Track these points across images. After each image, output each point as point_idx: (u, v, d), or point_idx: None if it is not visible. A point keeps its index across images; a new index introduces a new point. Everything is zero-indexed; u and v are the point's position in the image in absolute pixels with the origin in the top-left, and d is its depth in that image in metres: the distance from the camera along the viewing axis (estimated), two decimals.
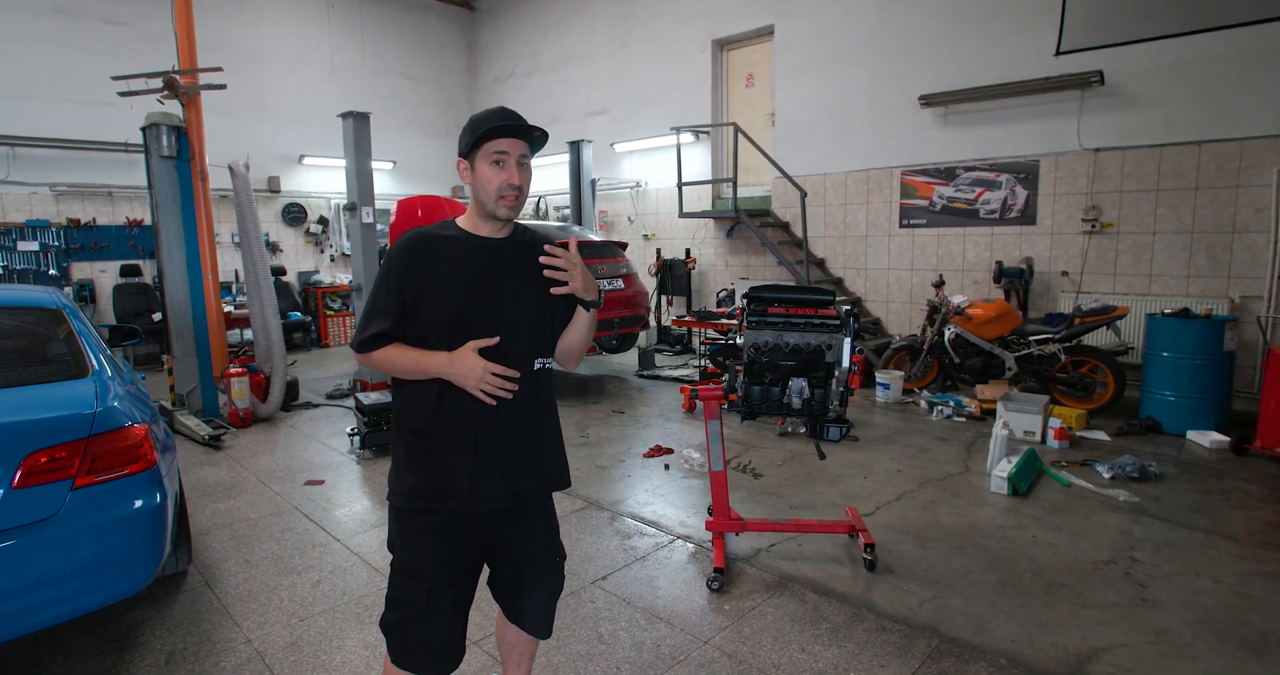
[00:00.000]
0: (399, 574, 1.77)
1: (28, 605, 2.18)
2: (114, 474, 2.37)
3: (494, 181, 1.66)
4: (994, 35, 6.74)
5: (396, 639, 1.77)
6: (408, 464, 1.74)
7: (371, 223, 6.45)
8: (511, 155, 1.66)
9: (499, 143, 1.65)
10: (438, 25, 12.29)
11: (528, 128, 1.67)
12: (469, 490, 1.71)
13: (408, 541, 1.76)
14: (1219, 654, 2.54)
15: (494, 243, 1.75)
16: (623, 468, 4.74)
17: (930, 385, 6.53)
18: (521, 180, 1.68)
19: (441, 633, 1.76)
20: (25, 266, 8.43)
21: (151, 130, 5.66)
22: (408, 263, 1.68)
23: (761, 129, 8.72)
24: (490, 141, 1.65)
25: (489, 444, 1.72)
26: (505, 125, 1.64)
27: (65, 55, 8.54)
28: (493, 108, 1.71)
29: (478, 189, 1.69)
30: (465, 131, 1.70)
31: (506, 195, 1.67)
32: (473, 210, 1.76)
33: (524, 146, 1.68)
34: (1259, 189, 5.59)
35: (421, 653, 1.76)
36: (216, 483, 4.55)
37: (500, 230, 1.76)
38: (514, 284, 1.75)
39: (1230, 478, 4.34)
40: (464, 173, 1.72)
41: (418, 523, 1.73)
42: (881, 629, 2.75)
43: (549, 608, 1.95)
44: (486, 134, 1.64)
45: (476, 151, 1.67)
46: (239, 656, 2.63)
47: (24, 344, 2.96)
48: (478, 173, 1.68)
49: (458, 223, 1.77)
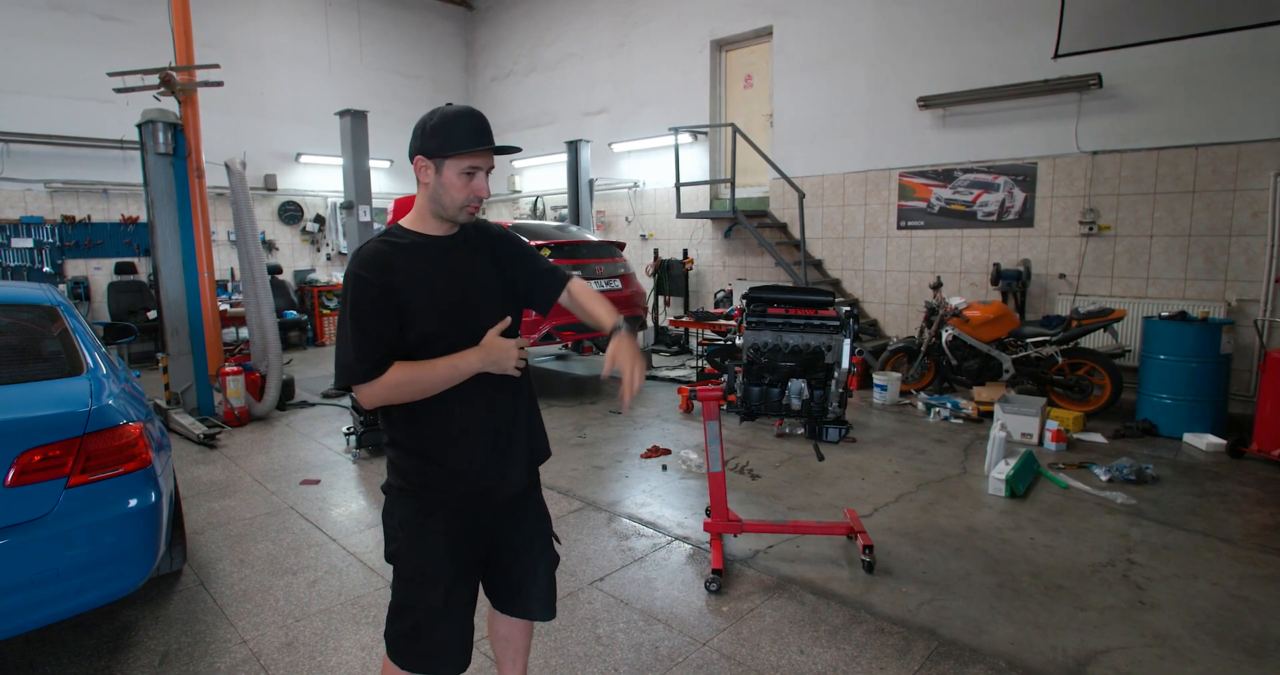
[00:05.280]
0: (409, 581, 1.72)
1: (21, 604, 2.16)
2: (108, 473, 2.35)
3: (462, 192, 1.63)
4: (993, 37, 6.75)
5: (408, 645, 1.73)
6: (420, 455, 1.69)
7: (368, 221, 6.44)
8: (483, 169, 1.64)
9: (476, 157, 1.62)
10: (436, 24, 12.26)
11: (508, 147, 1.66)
12: (496, 476, 1.71)
13: (417, 547, 1.71)
14: (1217, 657, 2.55)
15: (449, 240, 1.72)
16: (620, 468, 4.73)
17: (927, 387, 6.54)
18: (487, 192, 1.68)
19: (458, 631, 1.75)
20: (19, 263, 8.39)
21: (148, 127, 5.63)
22: (384, 279, 1.59)
23: (760, 130, 8.72)
24: (468, 156, 1.61)
25: (503, 430, 1.73)
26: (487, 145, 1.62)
27: (61, 51, 8.49)
28: (460, 110, 1.63)
29: (440, 193, 1.63)
30: (434, 131, 1.61)
31: (472, 205, 1.66)
32: (425, 211, 1.69)
33: (493, 159, 1.68)
34: (1256, 192, 5.61)
35: (437, 656, 1.73)
36: (211, 482, 4.53)
37: (452, 228, 1.73)
38: (478, 275, 1.73)
39: (1227, 481, 4.34)
40: (423, 171, 1.64)
41: (429, 525, 1.70)
42: (880, 631, 2.74)
43: (550, 587, 1.93)
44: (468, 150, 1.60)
45: (446, 158, 1.60)
46: (234, 657, 2.61)
47: (18, 341, 2.94)
48: (444, 179, 1.62)
49: (405, 226, 1.71)
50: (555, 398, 6.84)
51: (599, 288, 6.59)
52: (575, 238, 7.09)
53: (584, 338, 7.65)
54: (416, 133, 1.64)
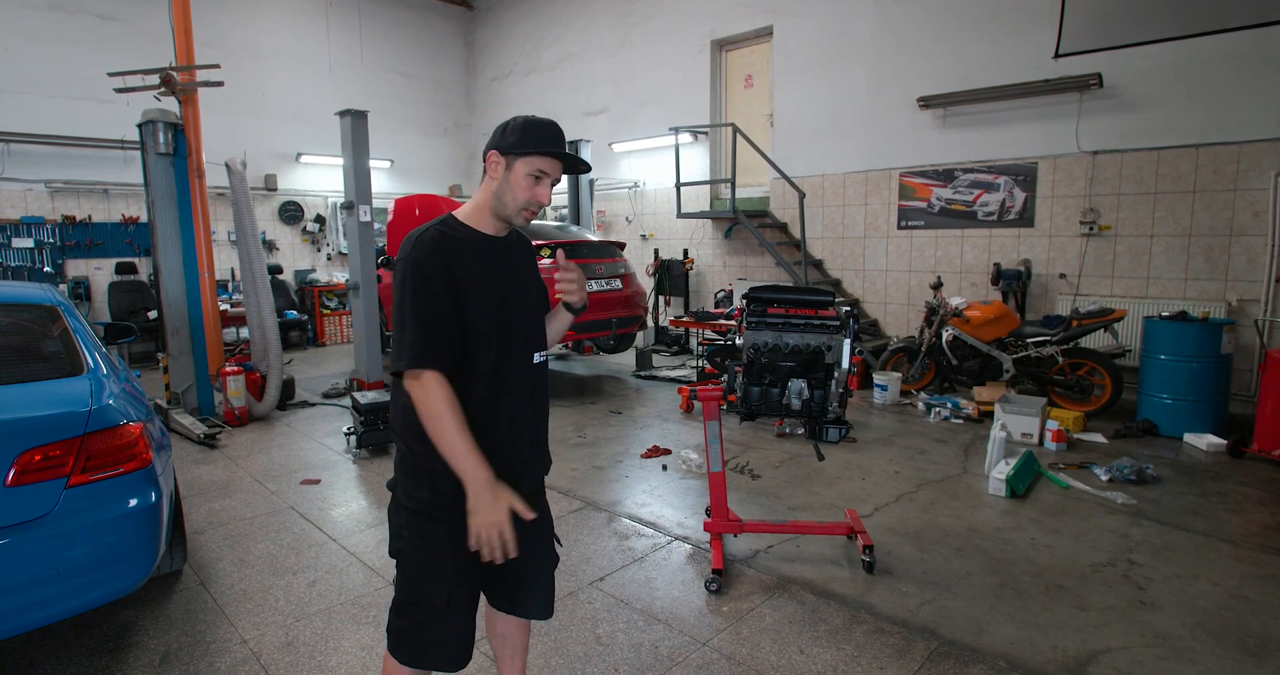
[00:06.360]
0: (413, 579, 1.73)
1: (21, 604, 2.16)
2: (108, 472, 2.35)
3: (525, 194, 1.67)
4: (993, 37, 6.75)
5: (410, 641, 1.75)
6: (427, 466, 1.66)
7: (369, 221, 6.44)
8: (550, 176, 1.69)
9: (547, 162, 1.67)
10: (436, 24, 12.26)
11: (579, 160, 1.76)
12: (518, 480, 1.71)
13: (422, 547, 1.72)
14: (1218, 657, 2.54)
15: (502, 242, 1.76)
16: (620, 468, 4.73)
17: (928, 387, 6.54)
18: (549, 200, 1.73)
19: (460, 629, 1.77)
20: (20, 263, 8.39)
21: (148, 127, 5.63)
22: (445, 264, 1.60)
23: (760, 130, 8.71)
24: (541, 158, 1.66)
25: (510, 439, 1.74)
26: (562, 152, 1.68)
27: (62, 51, 8.49)
28: (546, 120, 1.70)
29: (504, 191, 1.67)
30: (515, 130, 1.66)
31: (530, 209, 1.69)
32: (484, 208, 1.71)
33: (561, 170, 1.72)
34: (1256, 192, 5.60)
35: (438, 651, 1.76)
36: (212, 482, 4.53)
37: (504, 229, 1.76)
38: (523, 282, 1.80)
39: (1227, 481, 4.34)
40: (494, 166, 1.69)
41: (432, 527, 1.70)
42: (880, 631, 2.74)
43: (549, 588, 1.96)
44: (543, 151, 1.65)
45: (520, 158, 1.65)
46: (234, 657, 2.61)
47: (19, 341, 2.94)
48: (512, 177, 1.66)
49: (460, 219, 1.72)
50: (555, 398, 6.83)
51: (599, 288, 6.59)
52: (575, 238, 7.09)
53: (584, 338, 7.66)
54: (497, 131, 1.70)
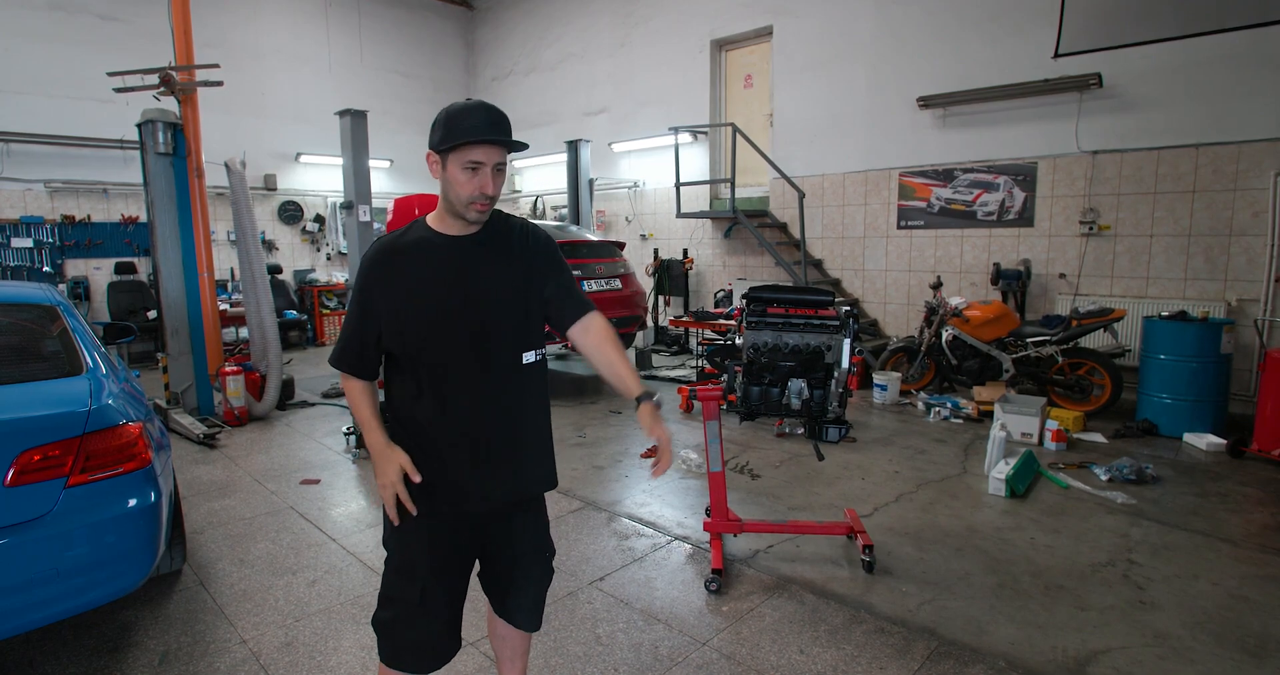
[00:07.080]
0: (393, 572, 1.77)
1: (21, 604, 2.16)
2: (108, 472, 2.34)
3: (466, 188, 1.58)
4: (993, 37, 6.75)
5: (387, 639, 1.78)
6: None
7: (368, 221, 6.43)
8: (487, 164, 1.57)
9: (475, 150, 1.55)
10: (436, 23, 12.26)
11: (507, 140, 1.59)
12: (466, 491, 1.71)
13: (401, 540, 1.75)
14: (1217, 657, 2.54)
15: (465, 240, 1.68)
16: (620, 468, 4.72)
17: (927, 387, 6.54)
18: (495, 189, 1.60)
19: (432, 633, 1.76)
20: (19, 263, 8.38)
21: (148, 127, 5.63)
22: (374, 281, 1.67)
23: (760, 130, 8.71)
24: (470, 147, 1.55)
25: (485, 444, 1.70)
26: (492, 137, 1.56)
27: (61, 51, 8.49)
28: (471, 103, 1.59)
29: (448, 190, 1.62)
30: (439, 124, 1.58)
31: (480, 202, 1.60)
32: (442, 208, 1.67)
33: (501, 154, 1.59)
34: (1256, 192, 5.60)
35: (410, 654, 1.77)
36: (211, 482, 4.53)
37: (471, 227, 1.68)
38: (494, 279, 1.68)
39: (1227, 480, 4.34)
40: (434, 167, 1.63)
41: (410, 522, 1.71)
42: (880, 631, 2.74)
43: (538, 602, 1.95)
44: (470, 140, 1.55)
45: (450, 153, 1.57)
46: (234, 657, 2.61)
47: (18, 341, 2.94)
48: (449, 174, 1.59)
49: (428, 221, 1.71)
50: (555, 398, 6.83)
51: (599, 288, 6.58)
52: (575, 237, 7.09)
53: None
54: (431, 129, 1.63)
